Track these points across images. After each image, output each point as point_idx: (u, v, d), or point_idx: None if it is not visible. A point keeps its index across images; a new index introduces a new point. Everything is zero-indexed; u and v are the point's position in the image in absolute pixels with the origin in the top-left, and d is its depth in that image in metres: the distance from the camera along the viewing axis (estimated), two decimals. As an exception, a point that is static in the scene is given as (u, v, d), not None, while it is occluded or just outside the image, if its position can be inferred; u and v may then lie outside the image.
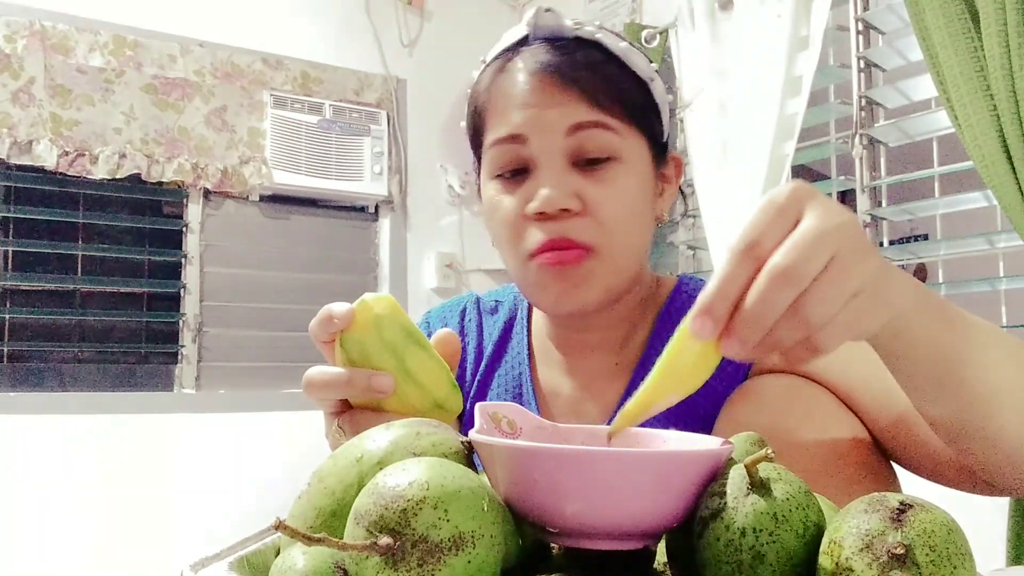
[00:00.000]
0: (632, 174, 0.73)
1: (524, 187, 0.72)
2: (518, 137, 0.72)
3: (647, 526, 0.38)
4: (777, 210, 0.41)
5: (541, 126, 0.71)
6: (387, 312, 0.55)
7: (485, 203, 0.77)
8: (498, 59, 0.76)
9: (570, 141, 0.71)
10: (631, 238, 0.74)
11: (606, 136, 0.71)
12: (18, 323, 2.50)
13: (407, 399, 0.56)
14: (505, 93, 0.73)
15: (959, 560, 0.33)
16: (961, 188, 1.90)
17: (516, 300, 0.90)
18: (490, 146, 0.74)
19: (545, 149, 0.71)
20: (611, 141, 0.71)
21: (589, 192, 0.71)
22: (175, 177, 2.59)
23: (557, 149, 0.71)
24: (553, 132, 0.71)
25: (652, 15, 2.63)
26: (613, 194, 0.71)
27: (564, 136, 0.71)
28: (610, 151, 0.71)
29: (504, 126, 0.72)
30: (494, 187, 0.75)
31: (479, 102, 0.77)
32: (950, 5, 1.59)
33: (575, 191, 0.70)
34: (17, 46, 2.40)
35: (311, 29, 2.93)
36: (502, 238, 0.75)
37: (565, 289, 0.72)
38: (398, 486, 0.33)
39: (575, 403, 0.81)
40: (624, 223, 0.72)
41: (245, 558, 0.42)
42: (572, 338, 0.82)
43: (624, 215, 0.72)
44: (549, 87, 0.71)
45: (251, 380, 2.76)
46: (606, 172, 0.72)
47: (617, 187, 0.72)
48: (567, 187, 0.70)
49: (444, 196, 3.14)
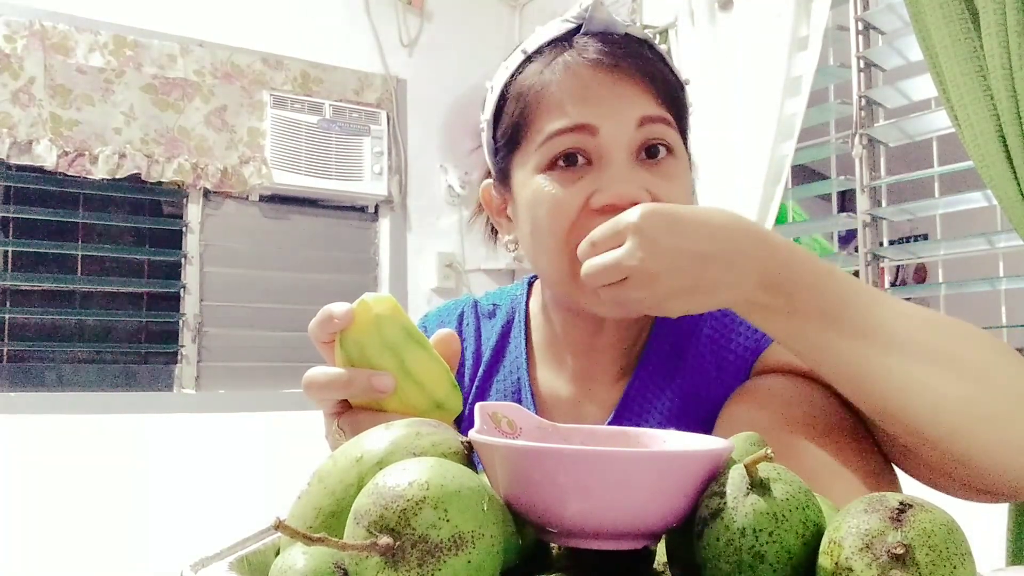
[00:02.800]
0: (685, 171, 0.74)
1: (586, 179, 0.69)
2: (587, 127, 0.69)
3: (647, 526, 0.38)
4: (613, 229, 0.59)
5: (613, 117, 0.69)
6: (387, 312, 0.55)
7: (528, 198, 0.72)
8: (546, 51, 0.73)
9: (639, 133, 0.70)
10: None
11: (668, 131, 0.71)
12: (18, 323, 2.50)
13: (407, 399, 0.56)
14: (564, 83, 0.70)
15: (959, 560, 0.33)
16: (961, 188, 1.90)
17: (514, 303, 0.89)
18: (547, 137, 0.70)
19: (615, 140, 0.69)
20: (671, 136, 0.72)
21: (656, 187, 0.69)
22: (175, 177, 2.59)
23: (627, 141, 0.69)
24: (625, 124, 0.69)
25: (652, 15, 2.63)
26: (676, 188, 0.71)
27: (635, 128, 0.69)
28: (670, 146, 0.72)
29: (568, 116, 0.70)
30: (546, 179, 0.71)
31: (526, 93, 0.73)
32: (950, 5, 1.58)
33: (644, 185, 0.69)
34: (17, 46, 2.40)
35: (311, 29, 2.93)
36: (550, 232, 0.71)
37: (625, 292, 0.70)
38: (398, 486, 0.33)
39: (575, 406, 0.81)
40: None
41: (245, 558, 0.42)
42: (582, 340, 0.80)
43: None
44: (617, 79, 0.69)
45: (251, 380, 2.76)
46: (668, 167, 0.71)
47: (680, 183, 0.72)
48: (636, 181, 0.69)
49: (444, 196, 3.14)
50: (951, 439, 0.55)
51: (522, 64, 0.75)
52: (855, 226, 2.10)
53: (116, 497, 2.42)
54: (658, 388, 0.77)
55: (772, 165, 2.09)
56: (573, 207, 0.69)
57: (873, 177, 2.08)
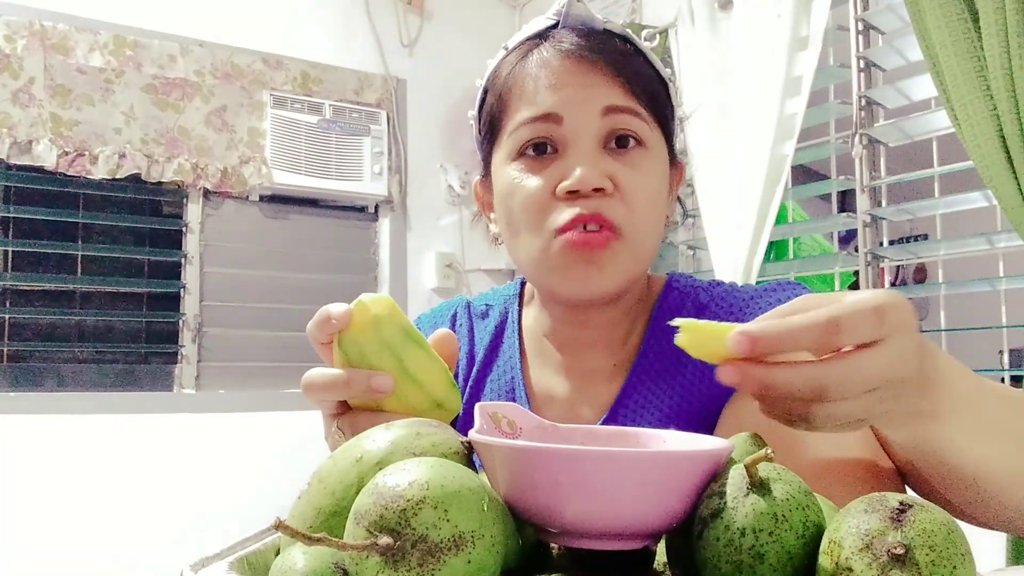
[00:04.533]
0: (657, 164, 0.74)
1: (553, 167, 0.71)
2: (552, 116, 0.71)
3: (647, 526, 0.38)
4: (879, 317, 0.41)
5: (577, 105, 0.70)
6: (385, 312, 0.55)
7: (503, 186, 0.75)
8: (524, 45, 0.76)
9: (604, 122, 0.71)
10: (653, 226, 0.74)
11: (636, 122, 0.72)
12: (18, 323, 2.50)
13: (406, 399, 0.56)
14: (535, 75, 0.72)
15: (959, 560, 0.33)
16: (961, 188, 1.90)
17: (507, 303, 0.89)
18: (517, 127, 0.73)
19: (579, 129, 0.71)
20: (641, 128, 0.72)
21: (621, 175, 0.71)
22: (175, 177, 2.59)
23: (591, 129, 0.71)
24: (589, 112, 0.70)
25: (652, 15, 2.63)
26: (642, 179, 0.72)
27: (599, 117, 0.71)
28: (640, 138, 0.72)
29: (535, 106, 0.72)
30: (516, 168, 0.73)
31: (501, 87, 0.75)
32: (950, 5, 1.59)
33: (608, 172, 0.70)
34: (17, 46, 2.40)
35: (311, 29, 2.93)
36: (522, 220, 0.73)
37: (588, 272, 0.71)
38: (398, 486, 0.33)
39: (569, 405, 0.81)
40: (650, 209, 0.73)
41: (245, 558, 0.42)
42: (571, 335, 0.81)
43: (650, 201, 0.73)
44: (585, 68, 0.71)
45: (251, 380, 2.76)
46: (635, 157, 0.72)
47: (645, 172, 0.73)
48: (601, 167, 0.70)
49: (444, 196, 3.14)
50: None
51: (503, 59, 0.77)
52: (855, 226, 2.10)
53: (116, 497, 2.42)
54: (655, 386, 0.77)
55: (772, 165, 2.09)
56: (541, 194, 0.71)
57: (873, 177, 2.08)
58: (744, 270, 2.14)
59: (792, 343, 0.41)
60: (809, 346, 0.41)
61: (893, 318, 0.41)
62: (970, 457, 0.50)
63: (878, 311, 0.41)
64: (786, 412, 0.43)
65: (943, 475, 0.53)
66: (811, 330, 0.41)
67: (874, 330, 0.41)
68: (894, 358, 0.42)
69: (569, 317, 0.81)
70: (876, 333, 0.41)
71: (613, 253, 0.71)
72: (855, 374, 0.41)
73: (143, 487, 2.46)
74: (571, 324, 0.81)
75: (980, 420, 0.51)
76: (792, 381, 0.41)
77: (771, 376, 0.41)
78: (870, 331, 0.41)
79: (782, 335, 0.41)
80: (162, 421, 2.54)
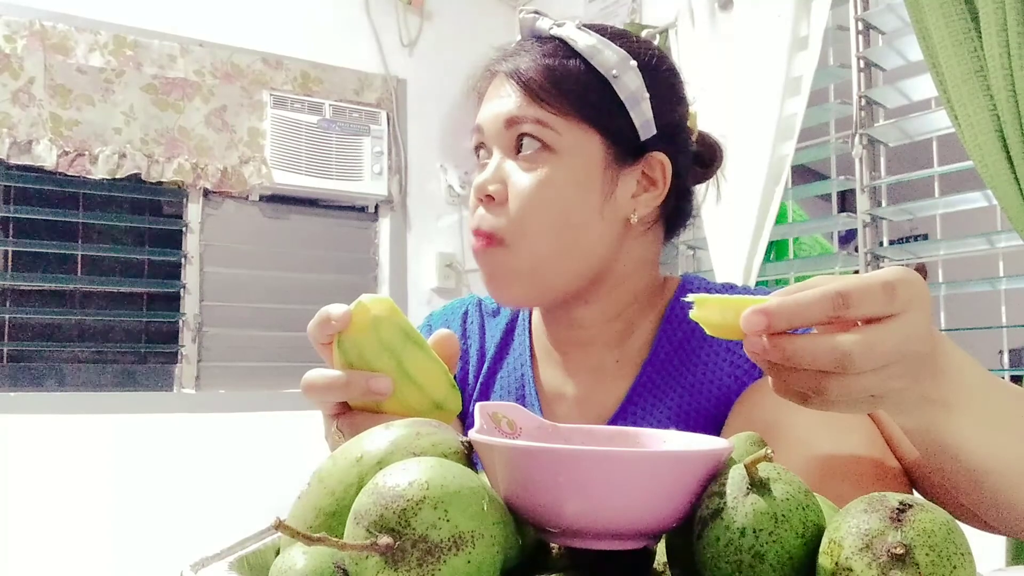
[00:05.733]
0: (564, 168, 0.73)
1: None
2: (478, 127, 0.79)
3: (647, 526, 0.38)
4: (886, 289, 0.42)
5: (490, 119, 0.77)
6: (384, 313, 0.55)
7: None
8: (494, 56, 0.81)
9: (509, 132, 0.75)
10: (549, 231, 0.73)
11: (539, 130, 0.73)
12: (18, 323, 2.50)
13: (406, 400, 0.56)
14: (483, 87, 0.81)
15: (959, 560, 0.33)
16: (961, 188, 1.90)
17: None
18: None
19: (492, 139, 0.77)
20: (544, 135, 0.73)
21: (512, 180, 0.74)
22: (175, 177, 2.59)
23: (500, 140, 0.76)
24: (496, 124, 0.76)
25: (652, 15, 2.63)
26: (531, 185, 0.73)
27: (504, 128, 0.75)
28: (545, 143, 0.74)
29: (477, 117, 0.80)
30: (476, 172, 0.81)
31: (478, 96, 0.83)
32: (950, 5, 1.58)
33: (503, 178, 0.75)
34: (17, 46, 2.40)
35: (311, 29, 2.93)
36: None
37: (488, 279, 0.76)
38: (398, 486, 0.33)
39: (579, 402, 0.81)
40: (537, 214, 0.73)
41: (245, 558, 0.42)
42: (565, 335, 0.82)
43: (537, 206, 0.73)
44: (498, 82, 0.77)
45: (251, 380, 2.76)
46: (533, 163, 0.74)
47: (538, 178, 0.73)
48: (496, 174, 0.75)
49: (444, 196, 3.14)
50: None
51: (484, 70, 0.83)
52: (855, 226, 2.10)
53: (116, 497, 2.42)
54: (666, 384, 0.77)
55: (772, 165, 2.09)
56: (473, 200, 0.78)
57: (873, 177, 2.08)
58: (744, 270, 2.14)
59: (804, 316, 0.42)
60: (820, 318, 0.42)
61: (904, 293, 0.42)
62: (979, 451, 0.50)
63: (887, 286, 0.42)
64: (801, 387, 0.44)
65: (951, 470, 0.53)
66: (822, 302, 0.42)
67: (884, 305, 0.42)
68: (910, 331, 0.42)
69: (554, 318, 0.83)
70: (887, 308, 0.42)
71: (499, 262, 0.74)
72: (876, 346, 0.42)
73: (143, 487, 2.46)
74: (559, 324, 0.83)
75: (989, 412, 0.51)
76: (815, 349, 0.42)
77: (795, 344, 0.42)
78: (880, 305, 0.42)
79: (794, 309, 0.42)
80: (162, 421, 2.54)
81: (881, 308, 0.42)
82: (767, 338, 0.43)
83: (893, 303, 0.42)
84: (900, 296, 0.42)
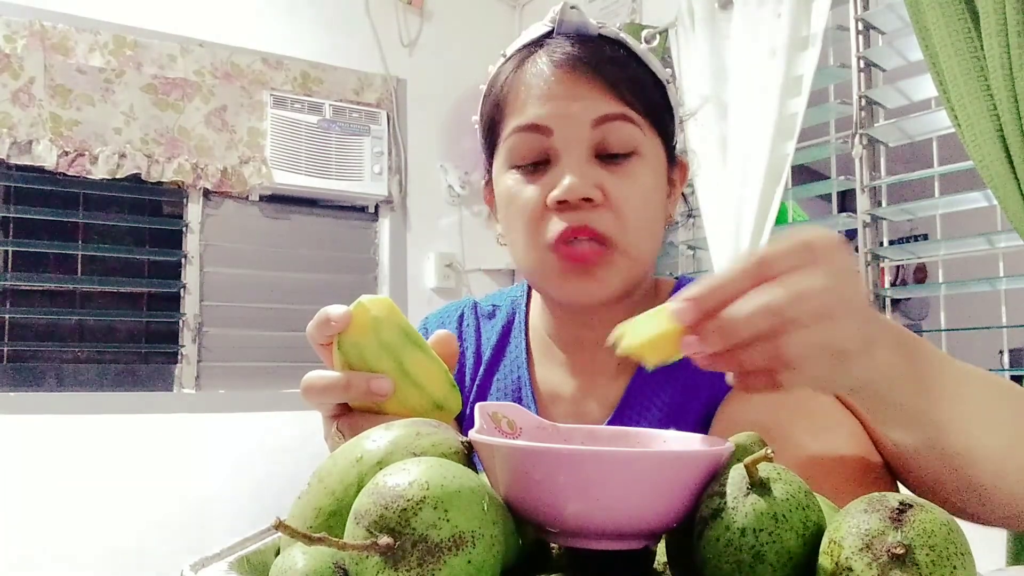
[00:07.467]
0: (651, 171, 0.74)
1: (546, 177, 0.73)
2: (541, 128, 0.72)
3: (647, 526, 0.38)
4: (803, 246, 0.42)
5: (566, 118, 0.71)
6: (384, 314, 0.55)
7: (501, 194, 0.77)
8: (520, 52, 0.77)
9: (595, 133, 0.72)
10: (647, 234, 0.74)
11: (629, 129, 0.72)
12: (18, 323, 2.50)
13: (406, 400, 0.56)
14: (528, 84, 0.73)
15: (959, 560, 0.33)
16: (961, 188, 1.90)
17: (514, 304, 0.90)
18: (510, 134, 0.74)
19: (569, 141, 0.71)
20: (634, 135, 0.72)
21: (610, 185, 0.71)
22: (175, 177, 2.59)
23: (581, 141, 0.72)
24: (579, 124, 0.71)
25: (652, 15, 2.63)
26: (634, 189, 0.72)
27: (590, 128, 0.71)
28: (632, 146, 0.72)
29: (526, 115, 0.73)
30: (512, 177, 0.75)
31: (499, 93, 0.77)
32: (950, 5, 1.59)
33: (597, 183, 0.71)
34: (17, 46, 2.40)
35: (311, 29, 2.93)
36: (519, 228, 0.74)
37: (584, 282, 0.72)
38: (398, 486, 0.33)
39: (575, 403, 0.81)
40: (642, 218, 0.73)
41: (245, 558, 0.42)
42: (574, 335, 0.82)
43: (642, 210, 0.73)
44: (575, 79, 0.71)
45: (251, 380, 2.76)
46: (628, 167, 0.72)
47: (638, 182, 0.73)
48: (590, 178, 0.71)
49: (444, 196, 3.14)
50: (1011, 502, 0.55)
51: (500, 66, 0.79)
52: (855, 226, 2.10)
53: (116, 497, 2.42)
54: (659, 385, 0.77)
55: (772, 165, 2.09)
56: (534, 205, 0.72)
57: (873, 177, 2.08)
58: (744, 270, 2.14)
59: (731, 290, 0.42)
60: (747, 288, 0.42)
61: (822, 244, 0.43)
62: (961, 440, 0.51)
63: (803, 242, 0.43)
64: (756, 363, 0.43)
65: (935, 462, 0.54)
66: (745, 272, 0.42)
67: (803, 258, 0.42)
68: (835, 274, 0.42)
69: (571, 318, 0.81)
70: (806, 259, 0.42)
71: (607, 264, 0.72)
72: (799, 285, 0.41)
73: (143, 487, 2.46)
74: (573, 325, 0.82)
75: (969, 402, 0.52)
76: (745, 309, 0.41)
77: (725, 318, 0.41)
78: (799, 259, 0.42)
79: (718, 286, 0.42)
80: (162, 421, 2.54)
81: (801, 260, 0.42)
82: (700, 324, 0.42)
83: (812, 254, 0.42)
84: (818, 247, 0.42)
